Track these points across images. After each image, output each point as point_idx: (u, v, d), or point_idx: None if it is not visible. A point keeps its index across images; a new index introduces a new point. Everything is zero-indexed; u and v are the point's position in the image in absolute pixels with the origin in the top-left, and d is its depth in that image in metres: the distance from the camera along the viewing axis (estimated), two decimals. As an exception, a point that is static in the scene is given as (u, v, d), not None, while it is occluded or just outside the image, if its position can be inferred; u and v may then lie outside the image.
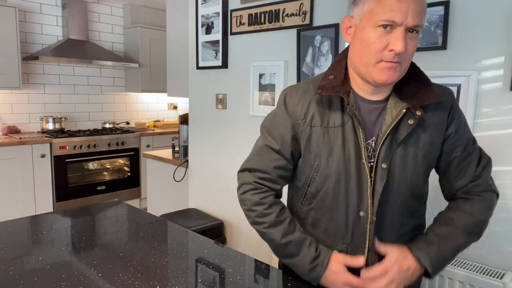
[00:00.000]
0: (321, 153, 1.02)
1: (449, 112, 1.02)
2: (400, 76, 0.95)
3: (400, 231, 1.04)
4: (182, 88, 3.16)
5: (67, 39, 4.18)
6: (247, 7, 2.28)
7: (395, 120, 0.97)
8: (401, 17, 0.88)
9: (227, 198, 2.57)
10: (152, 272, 1.14)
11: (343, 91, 0.99)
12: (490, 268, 1.50)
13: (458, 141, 1.04)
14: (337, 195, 1.03)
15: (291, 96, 1.09)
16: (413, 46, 0.92)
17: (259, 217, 1.08)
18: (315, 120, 1.03)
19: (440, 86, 1.04)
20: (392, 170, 0.99)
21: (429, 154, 1.01)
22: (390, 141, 0.98)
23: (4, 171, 3.51)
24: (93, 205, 1.78)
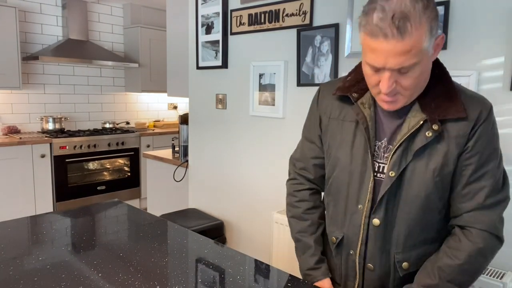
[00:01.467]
0: (334, 143, 1.09)
1: (473, 125, 0.94)
2: (406, 102, 0.94)
3: (407, 242, 1.02)
4: (182, 88, 3.16)
5: (67, 39, 4.18)
6: (247, 7, 2.28)
7: (410, 130, 0.96)
8: (380, 62, 0.87)
9: (227, 198, 2.57)
10: (152, 272, 1.14)
11: (353, 92, 1.05)
12: (490, 268, 1.50)
13: (473, 158, 0.96)
14: (341, 184, 1.08)
15: (322, 91, 1.17)
16: (409, 79, 0.89)
17: (289, 205, 1.25)
18: (333, 113, 1.11)
19: (476, 96, 0.98)
20: (401, 179, 0.98)
21: (442, 167, 0.96)
22: (403, 151, 0.97)
23: (4, 171, 3.52)
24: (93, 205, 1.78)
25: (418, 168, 0.97)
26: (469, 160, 0.96)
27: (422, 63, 0.87)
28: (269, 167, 2.30)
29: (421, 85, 0.93)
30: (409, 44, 0.83)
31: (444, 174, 0.97)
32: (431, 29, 0.85)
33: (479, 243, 0.96)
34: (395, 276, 1.05)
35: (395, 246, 1.03)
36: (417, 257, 1.03)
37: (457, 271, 0.97)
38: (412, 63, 0.86)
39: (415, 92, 0.93)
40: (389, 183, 0.98)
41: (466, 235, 0.97)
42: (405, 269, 1.04)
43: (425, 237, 1.02)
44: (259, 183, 2.36)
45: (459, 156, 0.96)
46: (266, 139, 2.30)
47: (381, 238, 1.03)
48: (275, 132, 2.24)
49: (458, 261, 0.96)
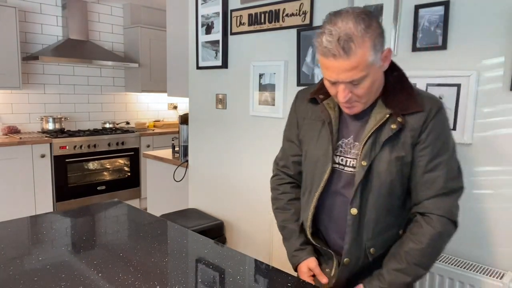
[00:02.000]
0: (306, 139, 1.24)
1: (425, 118, 1.07)
2: (364, 107, 1.09)
3: (376, 228, 1.12)
4: (182, 88, 3.16)
5: (67, 39, 4.18)
6: (247, 7, 2.28)
7: (378, 123, 1.08)
8: (333, 77, 1.01)
9: (227, 198, 2.57)
10: (152, 272, 1.14)
11: (319, 94, 1.19)
12: (490, 268, 1.50)
13: (426, 149, 1.07)
14: (307, 175, 1.23)
15: (299, 97, 1.31)
16: (362, 89, 1.02)
17: (273, 199, 1.37)
18: (307, 114, 1.25)
19: (428, 95, 1.11)
20: (372, 169, 1.10)
21: (403, 156, 1.08)
22: (372, 143, 1.09)
23: (4, 171, 3.52)
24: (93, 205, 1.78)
25: (385, 157, 1.09)
26: (423, 151, 1.08)
27: (370, 75, 1.01)
28: (269, 167, 2.30)
29: (374, 92, 1.07)
30: (355, 61, 0.97)
31: (404, 163, 1.09)
32: (374, 46, 0.98)
33: (438, 228, 1.07)
34: (364, 262, 1.15)
35: (366, 233, 1.13)
36: (381, 241, 1.14)
37: (421, 254, 1.07)
38: (361, 76, 0.99)
39: (369, 98, 1.07)
40: (362, 172, 1.09)
41: (426, 221, 1.08)
42: (372, 254, 1.14)
43: (388, 222, 1.13)
44: (259, 183, 2.36)
45: (414, 147, 1.09)
46: (266, 139, 2.30)
47: (357, 229, 1.12)
48: (275, 132, 2.24)
49: (422, 245, 1.07)
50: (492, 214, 1.52)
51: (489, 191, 1.52)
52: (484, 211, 1.54)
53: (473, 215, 1.56)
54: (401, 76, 1.12)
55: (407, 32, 1.67)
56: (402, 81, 1.12)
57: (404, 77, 1.12)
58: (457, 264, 1.53)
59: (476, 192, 1.55)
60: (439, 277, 1.53)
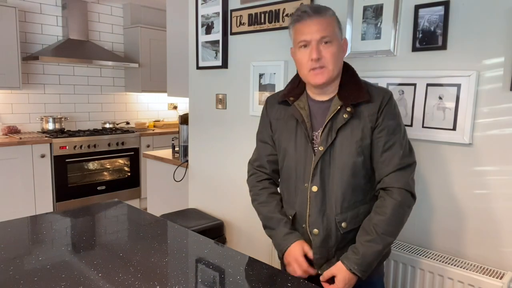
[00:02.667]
0: (282, 138, 1.38)
1: (379, 106, 1.26)
2: (330, 77, 1.25)
3: (343, 204, 1.27)
4: (182, 88, 3.16)
5: (67, 39, 4.18)
6: (247, 7, 2.28)
7: (331, 114, 1.27)
8: (308, 36, 1.23)
9: (227, 198, 2.57)
10: (152, 272, 1.14)
11: (289, 96, 1.35)
12: (490, 268, 1.50)
13: (382, 132, 1.25)
14: (291, 169, 1.35)
15: (269, 102, 1.46)
16: (330, 52, 1.23)
17: (254, 195, 1.45)
18: (279, 115, 1.40)
19: (378, 88, 1.31)
20: (333, 153, 1.27)
21: (361, 139, 1.25)
22: (328, 130, 1.27)
23: (4, 171, 3.52)
24: (93, 205, 1.78)
25: (345, 142, 1.26)
26: (380, 134, 1.26)
27: (335, 43, 1.24)
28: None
29: (338, 64, 1.26)
30: (325, 21, 1.23)
31: (364, 145, 1.26)
32: (338, 24, 1.27)
33: (398, 198, 1.23)
34: (337, 235, 1.29)
35: (334, 209, 1.28)
36: (352, 216, 1.28)
37: (387, 224, 1.22)
38: (330, 34, 1.22)
39: (334, 67, 1.25)
40: (319, 155, 1.27)
41: (388, 194, 1.24)
42: (344, 228, 1.28)
43: (356, 199, 1.29)
44: (259, 183, 2.36)
45: (373, 131, 1.26)
46: (266, 139, 2.30)
47: (320, 202, 1.28)
48: (275, 132, 2.24)
49: (386, 216, 1.22)
50: (492, 214, 1.52)
51: (489, 191, 1.52)
52: (484, 211, 1.54)
53: (473, 215, 1.56)
54: (352, 74, 1.33)
55: (407, 32, 1.67)
56: (353, 77, 1.32)
57: (354, 74, 1.33)
58: (457, 264, 1.53)
59: (476, 192, 1.55)
60: (439, 277, 1.53)
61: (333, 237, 1.29)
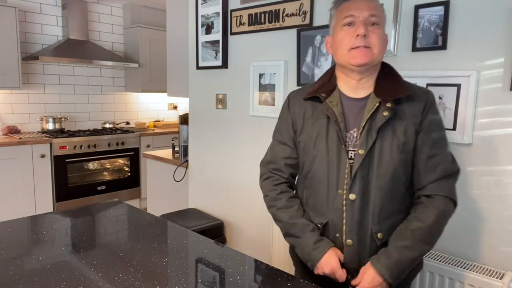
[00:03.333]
0: (310, 138, 1.23)
1: (424, 107, 1.16)
2: (372, 59, 1.13)
3: (381, 214, 1.16)
4: (182, 88, 3.16)
5: (67, 39, 4.18)
6: (247, 7, 2.28)
7: (370, 112, 1.14)
8: (356, 11, 1.12)
9: (227, 198, 2.57)
10: (152, 272, 1.14)
11: (321, 92, 1.22)
12: (490, 268, 1.50)
13: (429, 136, 1.16)
14: (321, 174, 1.21)
15: (293, 98, 1.33)
16: (376, 34, 1.12)
17: (272, 201, 1.31)
18: (307, 113, 1.26)
19: (420, 86, 1.22)
20: (372, 157, 1.14)
21: (404, 142, 1.14)
22: (367, 131, 1.14)
23: (4, 171, 3.51)
24: (93, 205, 1.78)
25: (385, 146, 1.14)
26: (426, 138, 1.16)
27: (382, 28, 1.14)
28: (269, 167, 2.30)
29: (382, 50, 1.15)
30: (374, 3, 1.14)
31: (407, 151, 1.15)
32: (385, 17, 1.18)
33: (442, 207, 1.14)
34: (371, 247, 1.18)
35: (371, 219, 1.16)
36: (388, 227, 1.18)
37: (427, 232, 1.13)
38: (379, 14, 1.13)
39: (379, 52, 1.14)
40: (359, 160, 1.14)
41: (432, 202, 1.15)
42: (380, 239, 1.17)
43: (394, 208, 1.18)
44: (259, 183, 2.36)
45: (417, 135, 1.16)
46: (266, 139, 2.30)
47: (358, 212, 1.16)
48: (275, 132, 2.24)
49: (427, 223, 1.13)
50: (492, 214, 1.52)
51: (489, 191, 1.52)
52: (484, 211, 1.54)
53: (473, 215, 1.56)
54: (390, 69, 1.22)
55: (407, 32, 1.67)
56: (391, 72, 1.21)
57: (392, 69, 1.22)
58: (457, 264, 1.53)
59: (476, 192, 1.55)
60: (439, 277, 1.53)
61: (367, 248, 1.18)
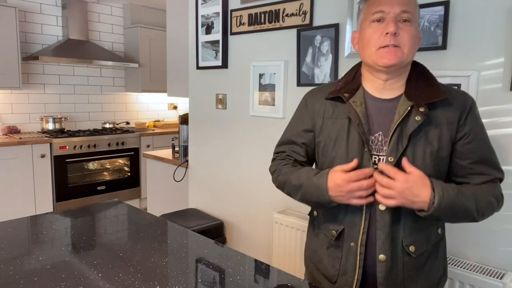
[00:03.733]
0: (330, 139, 1.15)
1: (461, 112, 1.06)
2: (403, 61, 1.04)
3: (413, 225, 1.08)
4: (182, 88, 3.16)
5: (67, 39, 4.18)
6: (247, 7, 2.28)
7: (401, 117, 1.05)
8: (387, 7, 1.02)
9: (227, 198, 2.57)
10: (152, 272, 1.14)
11: (344, 92, 1.14)
12: (490, 268, 1.50)
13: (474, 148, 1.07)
14: None
15: (311, 96, 1.25)
16: (408, 33, 1.02)
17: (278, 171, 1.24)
18: (327, 113, 1.17)
19: (458, 90, 1.11)
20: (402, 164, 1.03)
21: (438, 150, 1.05)
22: (397, 137, 1.05)
23: (4, 171, 3.51)
24: (93, 205, 1.78)
25: (418, 153, 1.05)
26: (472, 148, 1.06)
27: (414, 24, 1.04)
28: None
29: (413, 50, 1.05)
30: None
31: (440, 158, 1.06)
32: (418, 11, 1.08)
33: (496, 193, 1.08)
34: (403, 262, 1.09)
35: (402, 230, 1.07)
36: (421, 239, 1.09)
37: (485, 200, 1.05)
38: (412, 10, 1.03)
39: (409, 52, 1.04)
40: None
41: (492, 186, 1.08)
42: (412, 253, 1.08)
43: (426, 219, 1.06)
44: (259, 183, 2.36)
45: (454, 142, 1.07)
46: (266, 139, 2.30)
47: (388, 224, 1.07)
48: (275, 132, 2.24)
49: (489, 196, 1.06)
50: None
51: (489, 191, 1.52)
52: (484, 211, 1.54)
53: (473, 215, 1.56)
54: (423, 69, 1.12)
55: (407, 32, 1.67)
56: (424, 73, 1.11)
57: (425, 70, 1.13)
58: (457, 264, 1.53)
59: (476, 192, 1.55)
60: (439, 277, 1.53)
61: (399, 264, 1.08)
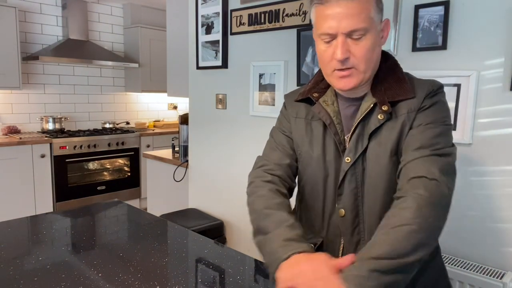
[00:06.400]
0: (303, 142, 1.07)
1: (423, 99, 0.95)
2: (361, 80, 0.95)
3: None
4: (182, 88, 3.16)
5: (67, 39, 4.18)
6: (247, 7, 2.28)
7: (362, 114, 0.98)
8: (333, 28, 0.90)
9: (227, 198, 2.57)
10: (152, 272, 1.14)
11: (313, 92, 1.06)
12: (490, 268, 1.50)
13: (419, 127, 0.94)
14: (315, 184, 1.05)
15: (286, 100, 1.18)
16: (361, 48, 0.91)
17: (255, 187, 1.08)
18: (300, 113, 1.10)
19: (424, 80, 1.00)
20: (365, 166, 0.98)
21: (397, 143, 0.95)
22: (358, 136, 0.98)
23: (4, 171, 3.51)
24: (93, 205, 1.78)
25: (380, 150, 0.96)
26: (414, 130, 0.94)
27: (371, 33, 0.91)
28: (269, 167, 2.30)
29: (372, 61, 0.95)
30: (358, 6, 0.88)
31: (400, 150, 0.96)
32: (377, 3, 0.92)
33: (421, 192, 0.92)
34: None
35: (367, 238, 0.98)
36: None
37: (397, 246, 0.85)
38: (363, 27, 0.89)
39: (367, 67, 0.94)
40: (345, 169, 0.98)
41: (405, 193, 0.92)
42: None
43: None
44: (259, 183, 2.36)
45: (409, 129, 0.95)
46: (266, 139, 2.29)
47: (350, 229, 1.00)
48: (275, 132, 2.24)
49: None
50: (492, 214, 1.52)
51: (489, 191, 1.52)
52: (484, 211, 1.54)
53: (473, 215, 1.56)
54: (393, 64, 1.03)
55: (407, 32, 1.67)
56: (393, 68, 1.02)
57: (396, 64, 1.03)
58: (457, 264, 1.53)
59: (476, 192, 1.55)
60: (439, 277, 1.53)
61: None
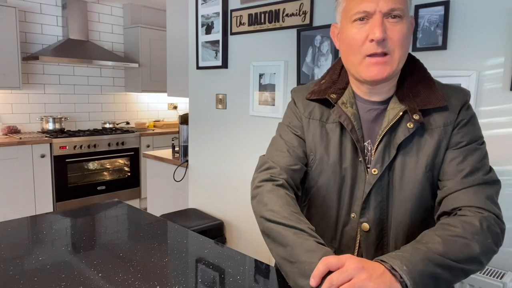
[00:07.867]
0: (317, 147, 0.98)
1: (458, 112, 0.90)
2: (394, 70, 0.87)
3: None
4: (182, 88, 3.16)
5: (67, 39, 4.18)
6: (247, 7, 2.28)
7: (390, 123, 0.90)
8: (371, 5, 0.83)
9: (227, 198, 2.57)
10: (152, 272, 1.14)
11: (330, 93, 0.97)
12: (490, 268, 1.50)
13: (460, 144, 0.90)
14: (330, 192, 0.98)
15: (296, 93, 1.08)
16: (398, 32, 0.84)
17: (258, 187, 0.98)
18: (314, 114, 1.01)
19: (455, 87, 0.94)
20: (392, 178, 0.91)
21: (433, 158, 0.89)
22: (385, 146, 0.91)
23: (4, 171, 3.51)
24: (93, 205, 1.78)
25: (409, 163, 0.90)
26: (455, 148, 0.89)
27: (407, 18, 0.86)
28: (269, 167, 2.30)
29: (406, 51, 0.89)
30: None
31: (436, 166, 0.90)
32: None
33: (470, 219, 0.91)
34: None
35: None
36: None
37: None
38: (402, 7, 0.84)
39: (402, 56, 0.87)
40: (372, 181, 0.91)
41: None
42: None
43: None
44: (259, 183, 2.36)
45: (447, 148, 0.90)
46: (266, 139, 2.30)
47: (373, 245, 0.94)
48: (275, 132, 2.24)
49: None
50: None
51: (489, 191, 1.52)
52: (484, 211, 1.54)
53: (473, 215, 1.56)
54: (419, 67, 0.95)
55: (407, 32, 1.67)
56: (420, 72, 0.94)
57: (422, 68, 0.95)
58: (457, 264, 1.53)
59: (476, 192, 1.55)
60: (439, 277, 1.53)
61: None
